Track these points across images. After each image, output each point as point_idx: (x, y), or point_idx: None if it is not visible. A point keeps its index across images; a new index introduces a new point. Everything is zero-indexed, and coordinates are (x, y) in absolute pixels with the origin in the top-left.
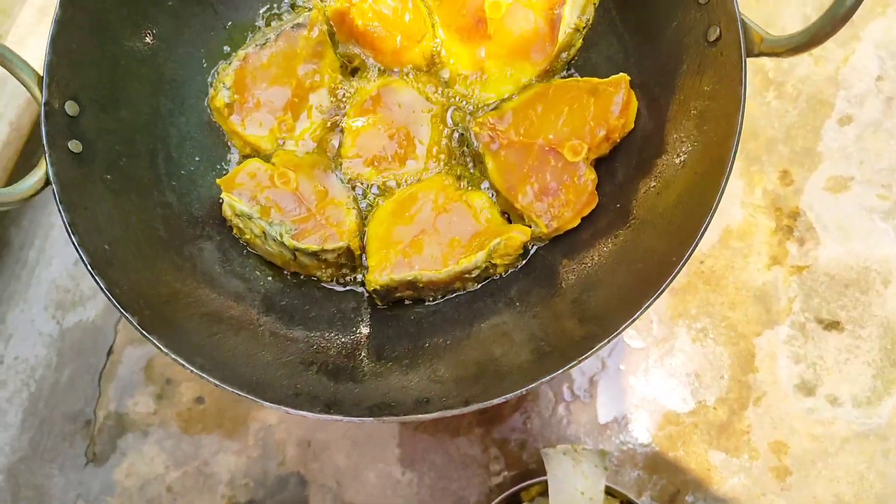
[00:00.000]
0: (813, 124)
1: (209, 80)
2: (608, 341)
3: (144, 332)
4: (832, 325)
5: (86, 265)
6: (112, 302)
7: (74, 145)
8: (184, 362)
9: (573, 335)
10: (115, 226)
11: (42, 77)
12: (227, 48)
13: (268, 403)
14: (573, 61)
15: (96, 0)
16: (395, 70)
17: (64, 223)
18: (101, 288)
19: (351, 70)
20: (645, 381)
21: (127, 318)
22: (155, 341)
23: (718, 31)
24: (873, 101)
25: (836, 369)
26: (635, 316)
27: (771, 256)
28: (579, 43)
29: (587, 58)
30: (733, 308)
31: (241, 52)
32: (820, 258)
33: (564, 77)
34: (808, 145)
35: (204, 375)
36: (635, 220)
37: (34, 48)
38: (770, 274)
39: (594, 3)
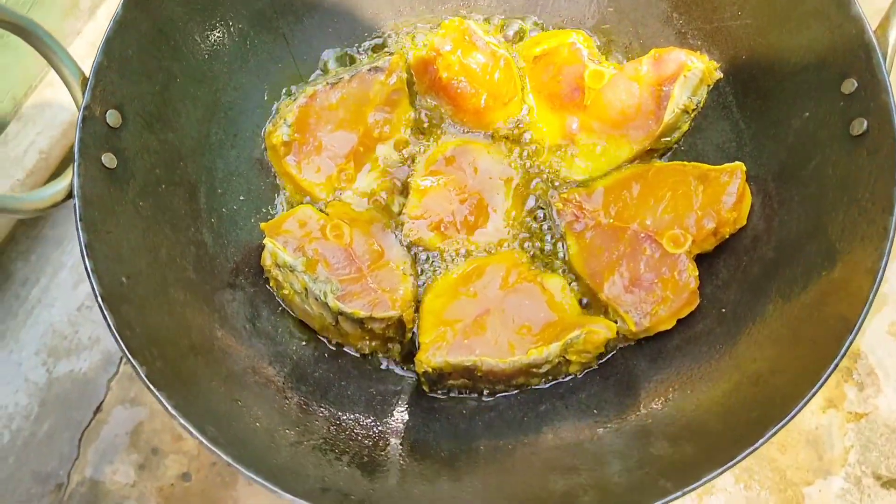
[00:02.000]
0: None
1: (269, 115)
2: (708, 480)
3: (152, 387)
4: (891, 483)
5: (96, 296)
6: (119, 345)
7: (109, 159)
8: (193, 429)
9: (666, 461)
10: (140, 257)
11: (87, 78)
12: (292, 86)
13: (290, 496)
14: (677, 146)
15: (164, 7)
16: (475, 131)
17: (80, 244)
18: (110, 326)
19: (425, 126)
20: None
21: (134, 365)
22: (163, 399)
23: (866, 124)
24: None
25: None
26: (747, 452)
27: (827, 398)
28: (686, 126)
29: (693, 143)
30: (783, 450)
31: (308, 89)
32: (880, 407)
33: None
34: None
35: (216, 450)
36: (741, 333)
37: (81, 46)
38: (825, 418)
39: (708, 85)
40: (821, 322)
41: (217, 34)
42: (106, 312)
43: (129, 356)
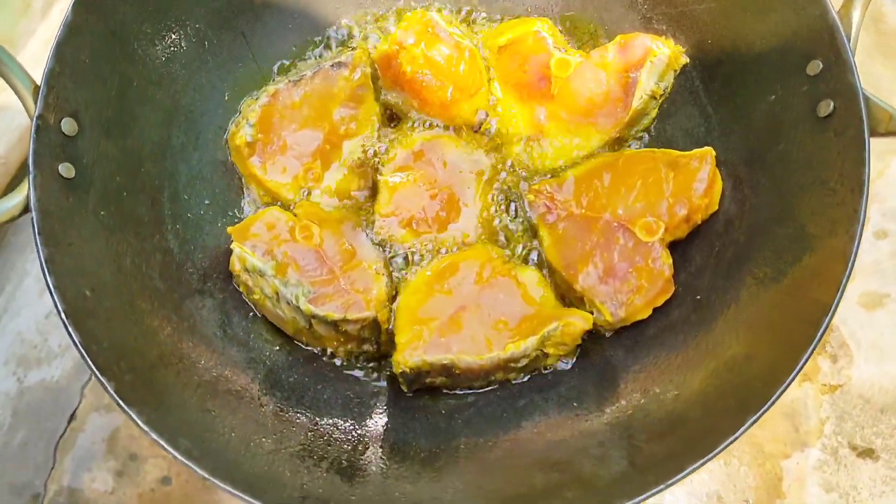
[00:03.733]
0: None
1: (231, 115)
2: (691, 471)
3: (122, 403)
4: (867, 453)
5: (59, 312)
6: (86, 361)
7: (66, 169)
8: (166, 445)
9: (647, 453)
10: (104, 269)
11: (39, 87)
12: (254, 85)
13: None
14: (646, 132)
15: (115, 9)
16: (442, 125)
17: (40, 258)
18: (75, 342)
19: (390, 118)
20: (658, 499)
21: (102, 382)
22: (134, 416)
23: (832, 105)
24: None
25: (871, 502)
26: (727, 442)
27: (801, 372)
28: (654, 112)
29: (661, 129)
30: (760, 425)
31: (270, 87)
32: (854, 378)
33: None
34: None
35: (190, 464)
36: (716, 319)
37: (36, 47)
38: (800, 391)
39: (675, 70)
40: (796, 307)
41: (173, 35)
42: (70, 329)
43: (97, 373)
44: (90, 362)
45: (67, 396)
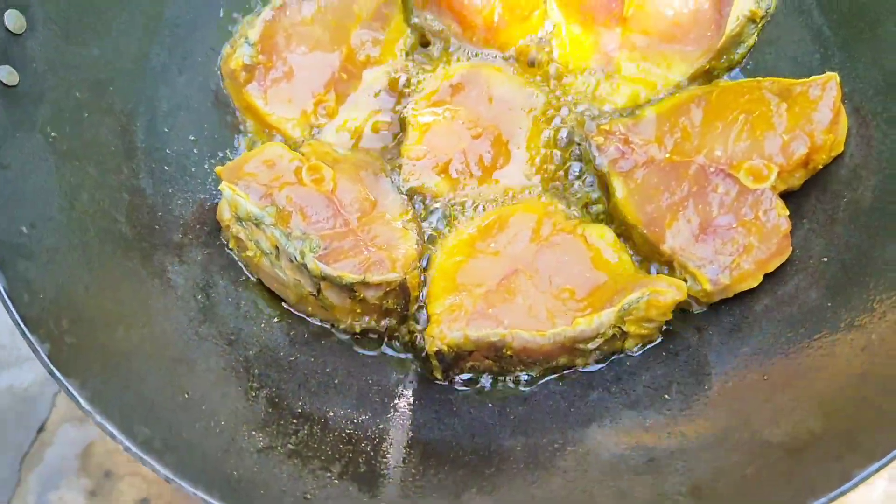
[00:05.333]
0: None
1: (227, 36)
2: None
3: (57, 373)
4: None
5: None
6: (11, 313)
7: (7, 74)
8: (116, 431)
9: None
10: (51, 202)
11: None
12: None
13: None
14: (742, 63)
15: None
16: (488, 53)
17: None
18: None
19: (422, 46)
20: None
21: (32, 343)
22: (73, 390)
23: None
24: None
25: None
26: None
27: None
28: (752, 40)
29: (761, 60)
30: None
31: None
32: None
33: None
34: None
35: (149, 459)
36: (853, 294)
37: None
38: None
39: None
40: None
41: None
42: None
43: (26, 330)
44: (16, 314)
45: (38, 406)
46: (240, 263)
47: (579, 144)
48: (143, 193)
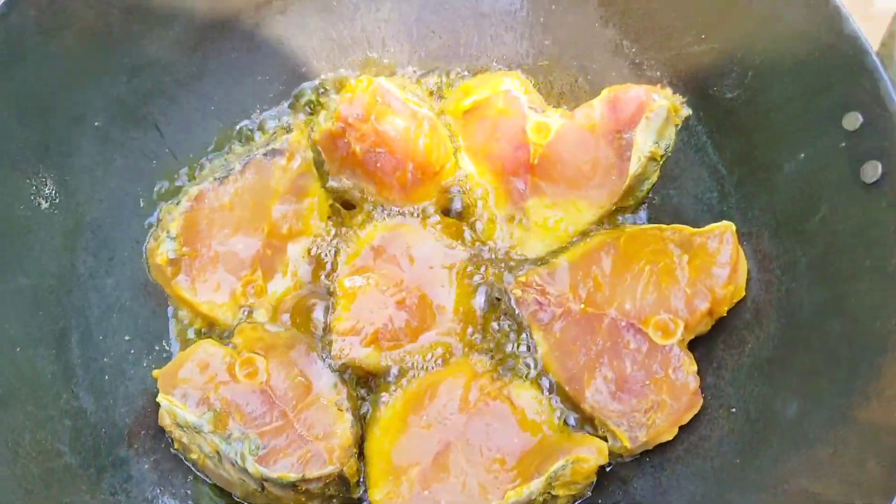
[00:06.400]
0: None
1: (149, 226)
2: None
3: None
4: None
5: None
6: None
7: None
8: None
9: None
10: None
11: None
12: (173, 187)
13: None
14: (647, 201)
15: None
16: (405, 210)
17: None
18: None
19: (347, 207)
20: None
21: None
22: None
23: (881, 169)
24: None
25: None
26: None
27: None
28: (655, 176)
29: (666, 196)
30: None
31: (192, 189)
32: None
33: (636, 225)
34: None
35: None
36: (761, 440)
37: None
38: None
39: (676, 125)
40: (868, 433)
41: (67, 138)
42: None
43: None
44: None
45: None
46: (187, 463)
47: (500, 298)
48: (84, 414)
